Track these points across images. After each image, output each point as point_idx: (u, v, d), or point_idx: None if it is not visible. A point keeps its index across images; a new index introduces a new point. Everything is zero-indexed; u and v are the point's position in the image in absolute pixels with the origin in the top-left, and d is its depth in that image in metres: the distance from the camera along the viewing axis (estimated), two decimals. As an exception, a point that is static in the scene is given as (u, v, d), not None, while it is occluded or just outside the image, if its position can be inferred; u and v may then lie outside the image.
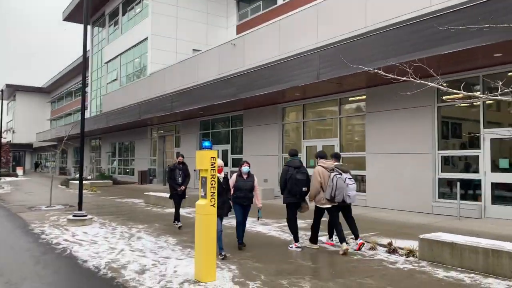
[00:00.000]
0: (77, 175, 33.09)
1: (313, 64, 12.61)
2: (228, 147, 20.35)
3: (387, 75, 5.56)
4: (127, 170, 31.97)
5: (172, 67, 24.94)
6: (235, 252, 7.24)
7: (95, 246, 7.81)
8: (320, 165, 7.57)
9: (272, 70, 14.49)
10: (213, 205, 5.47)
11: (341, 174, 7.25)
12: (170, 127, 26.02)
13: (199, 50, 24.53)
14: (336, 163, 7.64)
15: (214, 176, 5.49)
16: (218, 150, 20.93)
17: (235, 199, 7.48)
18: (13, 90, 66.24)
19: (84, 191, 22.13)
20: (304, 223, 9.11)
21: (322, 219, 7.70)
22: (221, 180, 6.82)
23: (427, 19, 9.72)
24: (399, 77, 5.39)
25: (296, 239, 7.55)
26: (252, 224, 9.80)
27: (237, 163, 19.68)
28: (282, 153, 16.95)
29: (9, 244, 8.11)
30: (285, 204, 7.65)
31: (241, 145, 19.35)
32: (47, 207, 14.38)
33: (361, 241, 7.40)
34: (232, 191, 7.45)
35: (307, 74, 12.84)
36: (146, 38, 28.74)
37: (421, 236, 6.70)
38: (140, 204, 15.24)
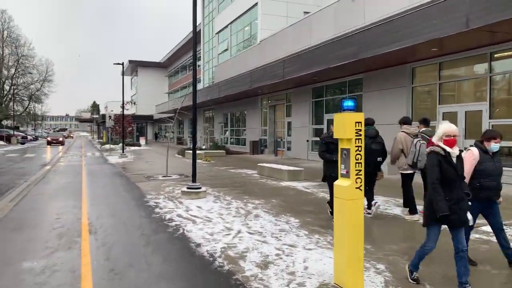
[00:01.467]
0: (192, 145, 34.21)
1: (460, 9, 10.13)
2: (345, 115, 18.52)
3: None
4: (239, 140, 31.94)
5: (283, 32, 23.55)
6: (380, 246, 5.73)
7: (209, 224, 6.94)
8: (403, 131, 7.37)
9: (402, 22, 12.23)
10: (359, 187, 4.00)
11: (426, 141, 6.83)
12: (281, 95, 24.89)
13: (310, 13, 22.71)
14: (424, 129, 7.32)
15: (360, 149, 4.00)
16: (332, 119, 19.24)
17: (479, 191, 4.62)
18: (136, 66, 71.35)
19: (198, 161, 22.29)
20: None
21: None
22: (453, 160, 4.14)
23: None
24: None
25: (369, 205, 7.42)
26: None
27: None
28: (412, 120, 14.65)
29: (122, 219, 7.66)
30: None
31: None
32: (164, 176, 14.33)
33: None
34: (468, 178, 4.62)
35: (451, 22, 10.40)
36: (256, 4, 27.66)
37: None
38: (254, 176, 14.43)
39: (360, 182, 4.00)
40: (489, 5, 9.48)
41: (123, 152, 27.05)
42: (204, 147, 31.37)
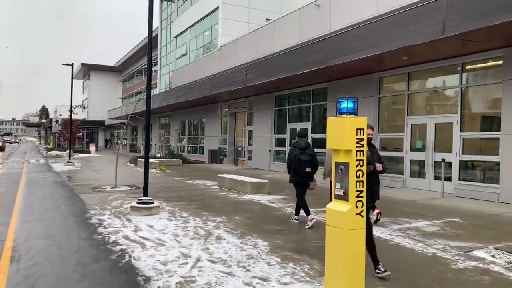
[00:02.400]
0: (146, 153, 32.47)
1: (436, 16, 9.65)
2: (308, 125, 17.85)
3: None
4: (197, 149, 30.65)
5: (245, 38, 22.73)
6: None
7: (162, 250, 5.80)
8: None
9: (372, 28, 11.70)
10: (360, 213, 3.08)
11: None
12: (242, 103, 23.96)
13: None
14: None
15: (362, 163, 3.09)
16: (295, 128, 18.56)
17: None
18: (88, 69, 68.12)
19: (152, 170, 20.94)
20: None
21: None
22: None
23: None
24: None
25: (308, 212, 7.60)
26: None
27: (319, 143, 17.19)
28: (378, 132, 14.15)
29: (56, 241, 6.36)
30: (292, 184, 7.79)
31: (325, 123, 16.76)
32: (112, 188, 12.94)
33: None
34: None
35: (426, 29, 9.91)
36: (217, 8, 26.74)
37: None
38: (214, 188, 13.32)
39: (362, 207, 3.08)
40: (467, 13, 9.04)
41: (69, 159, 25.05)
42: (158, 155, 29.81)
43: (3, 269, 4.94)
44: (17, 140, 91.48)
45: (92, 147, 43.37)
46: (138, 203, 8.56)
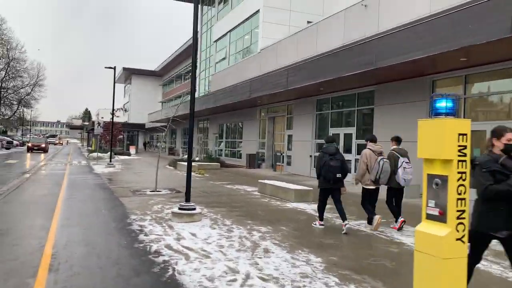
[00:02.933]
0: (185, 156, 32.51)
1: (503, 11, 8.80)
2: (352, 130, 17.10)
3: None
4: (234, 153, 30.39)
5: (286, 40, 22.24)
6: None
7: (207, 262, 5.35)
8: (368, 148, 7.79)
9: (429, 26, 10.89)
10: (461, 239, 2.48)
11: (394, 159, 7.55)
12: (282, 107, 23.45)
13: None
14: (394, 147, 7.87)
15: (464, 176, 2.50)
16: (339, 134, 17.84)
17: None
18: (129, 74, 69.73)
19: (192, 174, 20.87)
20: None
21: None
22: None
23: None
24: None
25: (321, 218, 7.94)
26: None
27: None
28: (430, 138, 13.27)
29: (96, 249, 6.04)
30: (319, 189, 7.81)
31: (371, 128, 15.97)
32: (152, 191, 12.73)
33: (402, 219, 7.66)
34: None
35: (492, 26, 9.07)
36: (258, 11, 26.39)
37: None
38: (254, 194, 12.85)
39: (463, 230, 2.49)
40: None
41: (110, 161, 25.33)
42: (197, 158, 29.71)
43: (41, 279, 4.63)
44: (61, 142, 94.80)
45: (132, 150, 44.06)
46: (180, 209, 8.20)
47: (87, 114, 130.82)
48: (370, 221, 7.79)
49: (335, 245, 6.61)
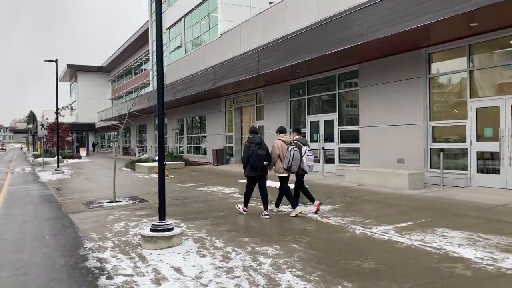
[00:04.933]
0: (142, 156, 29.77)
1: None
2: (334, 116, 15.41)
3: None
4: (198, 149, 28.11)
5: (251, 21, 20.17)
6: None
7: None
8: (279, 139, 8.23)
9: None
10: None
11: (300, 148, 8.06)
12: (249, 96, 21.46)
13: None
14: (297, 137, 8.46)
15: None
16: (318, 121, 16.13)
17: None
18: (75, 71, 65.10)
19: (153, 176, 18.35)
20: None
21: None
22: None
23: None
24: None
25: (246, 205, 8.34)
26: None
27: (348, 136, 14.79)
28: (430, 119, 11.77)
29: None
30: (246, 177, 8.14)
31: (356, 112, 14.34)
32: (110, 202, 10.43)
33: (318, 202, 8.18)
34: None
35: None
36: (215, -8, 24.14)
37: None
38: (235, 197, 10.82)
39: None
40: None
41: (58, 166, 22.36)
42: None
43: None
44: (4, 148, 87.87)
45: (83, 152, 40.51)
46: (152, 230, 6.05)
47: (32, 117, 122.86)
48: (277, 205, 8.52)
49: (379, 270, 4.74)
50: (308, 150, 8.15)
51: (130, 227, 7.40)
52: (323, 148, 15.31)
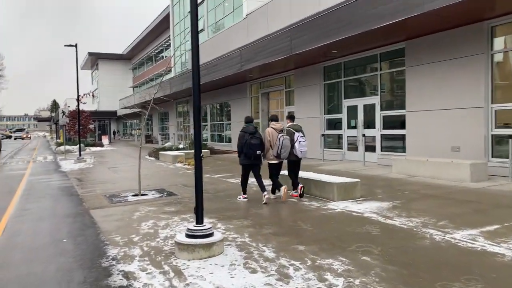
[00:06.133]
0: (166, 144, 28.93)
1: None
2: (376, 100, 14.05)
3: None
4: (222, 137, 27.09)
5: (278, 0, 18.79)
6: None
7: None
8: (271, 127, 8.37)
9: None
10: None
11: (290, 135, 8.28)
12: (277, 80, 20.19)
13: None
14: (290, 123, 8.69)
15: None
16: (356, 105, 14.81)
17: None
18: (96, 59, 64.72)
19: (177, 165, 17.36)
20: None
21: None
22: None
23: None
24: None
25: (245, 192, 8.57)
26: None
27: (392, 122, 13.45)
28: (491, 103, 10.35)
29: None
30: (241, 166, 8.34)
31: (403, 95, 12.95)
32: (135, 195, 9.47)
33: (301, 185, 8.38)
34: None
35: None
36: (239, -31, 22.80)
37: None
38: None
39: None
40: None
41: (80, 155, 21.67)
42: (181, 146, 26.24)
43: None
44: (28, 136, 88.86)
45: (105, 140, 40.07)
46: (188, 236, 4.99)
47: (54, 105, 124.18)
48: (274, 191, 8.58)
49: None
50: (301, 136, 8.32)
51: (160, 228, 6.37)
52: (363, 135, 13.99)
